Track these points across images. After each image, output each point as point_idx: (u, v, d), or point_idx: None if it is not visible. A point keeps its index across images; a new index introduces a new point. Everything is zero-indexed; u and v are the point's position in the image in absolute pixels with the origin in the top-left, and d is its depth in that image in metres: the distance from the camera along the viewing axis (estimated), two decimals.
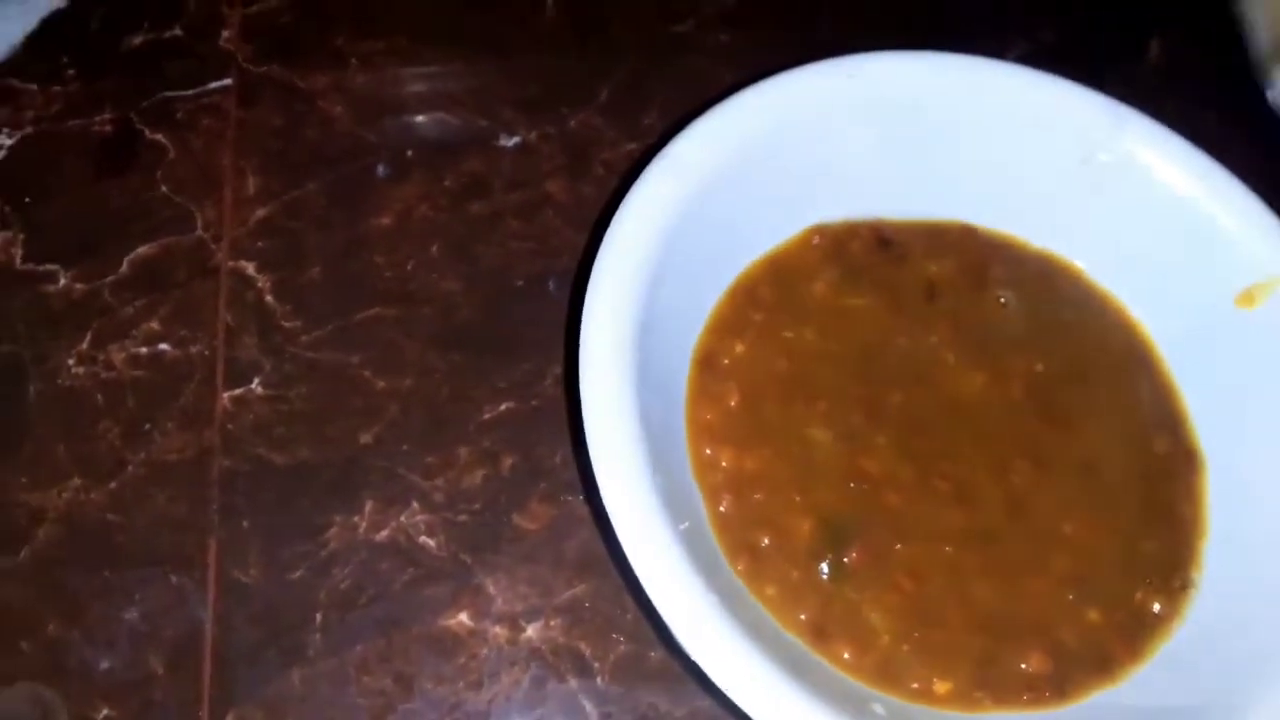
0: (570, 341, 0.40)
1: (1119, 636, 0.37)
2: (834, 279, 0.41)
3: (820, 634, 0.35)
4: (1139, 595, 0.37)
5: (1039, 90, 0.41)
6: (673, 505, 0.33)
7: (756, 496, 0.36)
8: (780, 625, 0.35)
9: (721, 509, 0.36)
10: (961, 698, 0.35)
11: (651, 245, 0.37)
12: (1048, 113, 0.41)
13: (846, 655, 0.35)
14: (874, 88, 0.41)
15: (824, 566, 0.36)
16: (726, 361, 0.39)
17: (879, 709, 0.34)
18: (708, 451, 0.37)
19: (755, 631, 0.33)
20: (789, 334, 0.39)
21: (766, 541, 0.36)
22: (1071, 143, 0.41)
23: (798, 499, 0.37)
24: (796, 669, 0.32)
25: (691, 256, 0.38)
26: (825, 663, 0.35)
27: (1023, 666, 0.36)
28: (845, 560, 0.36)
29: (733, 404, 0.38)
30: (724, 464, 0.36)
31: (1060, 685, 0.36)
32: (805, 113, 0.40)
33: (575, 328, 0.36)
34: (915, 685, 0.35)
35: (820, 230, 0.41)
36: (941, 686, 0.35)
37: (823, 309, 0.40)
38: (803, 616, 0.36)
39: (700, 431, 0.37)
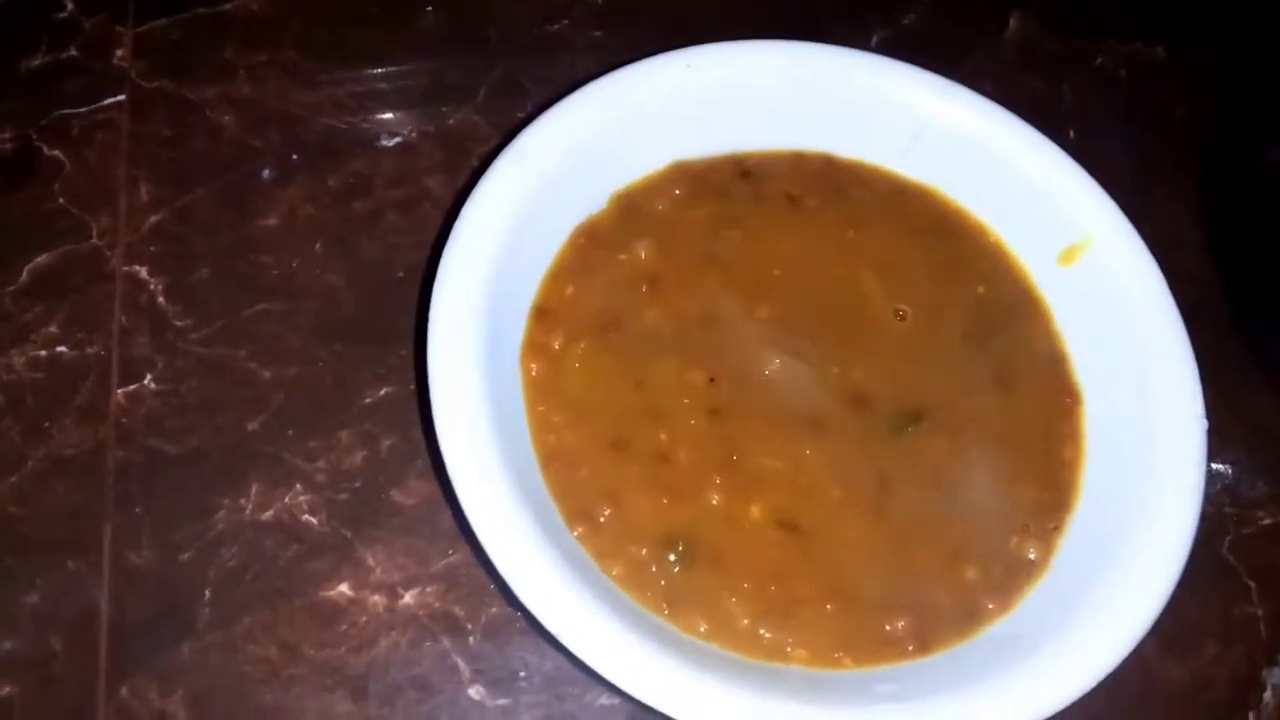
0: (420, 324, 0.43)
1: (992, 591, 0.38)
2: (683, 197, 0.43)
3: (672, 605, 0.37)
4: (1014, 540, 0.39)
5: (866, 72, 0.44)
6: (514, 472, 0.36)
7: (582, 471, 0.38)
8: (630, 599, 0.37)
9: (557, 475, 0.38)
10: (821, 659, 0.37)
11: (496, 228, 0.40)
12: (875, 94, 0.44)
13: (703, 628, 0.37)
14: (711, 76, 0.43)
15: (672, 556, 0.38)
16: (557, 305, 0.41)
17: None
18: (540, 408, 0.39)
19: (600, 593, 0.36)
20: (623, 256, 0.42)
21: (607, 514, 0.38)
22: (901, 120, 0.44)
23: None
24: (637, 622, 0.35)
25: (541, 233, 0.41)
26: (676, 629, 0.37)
27: (887, 629, 0.37)
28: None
29: (556, 347, 0.40)
30: (556, 422, 0.39)
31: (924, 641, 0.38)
32: (646, 103, 0.43)
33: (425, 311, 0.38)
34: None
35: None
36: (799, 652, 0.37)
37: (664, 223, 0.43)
38: (649, 593, 0.37)
39: (531, 387, 0.40)
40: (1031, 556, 0.39)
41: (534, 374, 0.40)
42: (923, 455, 0.40)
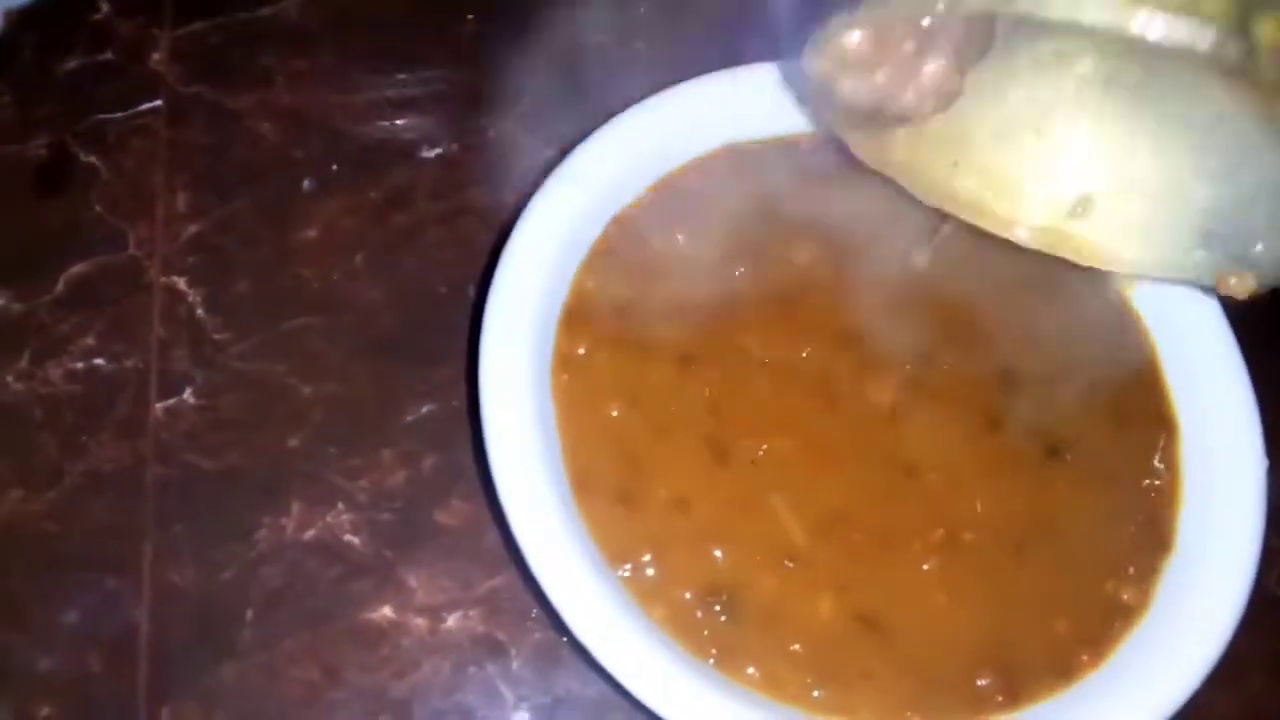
0: (473, 342, 0.42)
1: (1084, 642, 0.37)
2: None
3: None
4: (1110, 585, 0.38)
5: None
6: (560, 496, 0.36)
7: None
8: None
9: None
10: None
11: (549, 250, 0.39)
12: None
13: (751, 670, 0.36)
14: (758, 94, 0.43)
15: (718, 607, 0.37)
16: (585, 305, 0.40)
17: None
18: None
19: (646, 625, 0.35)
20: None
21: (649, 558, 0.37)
22: None
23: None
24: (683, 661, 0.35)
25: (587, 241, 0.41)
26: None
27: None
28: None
29: (581, 351, 0.39)
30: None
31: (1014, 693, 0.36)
32: (700, 122, 0.42)
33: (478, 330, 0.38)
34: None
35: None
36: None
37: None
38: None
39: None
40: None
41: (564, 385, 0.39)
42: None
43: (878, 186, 0.41)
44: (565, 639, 0.41)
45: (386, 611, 0.41)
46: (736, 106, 0.43)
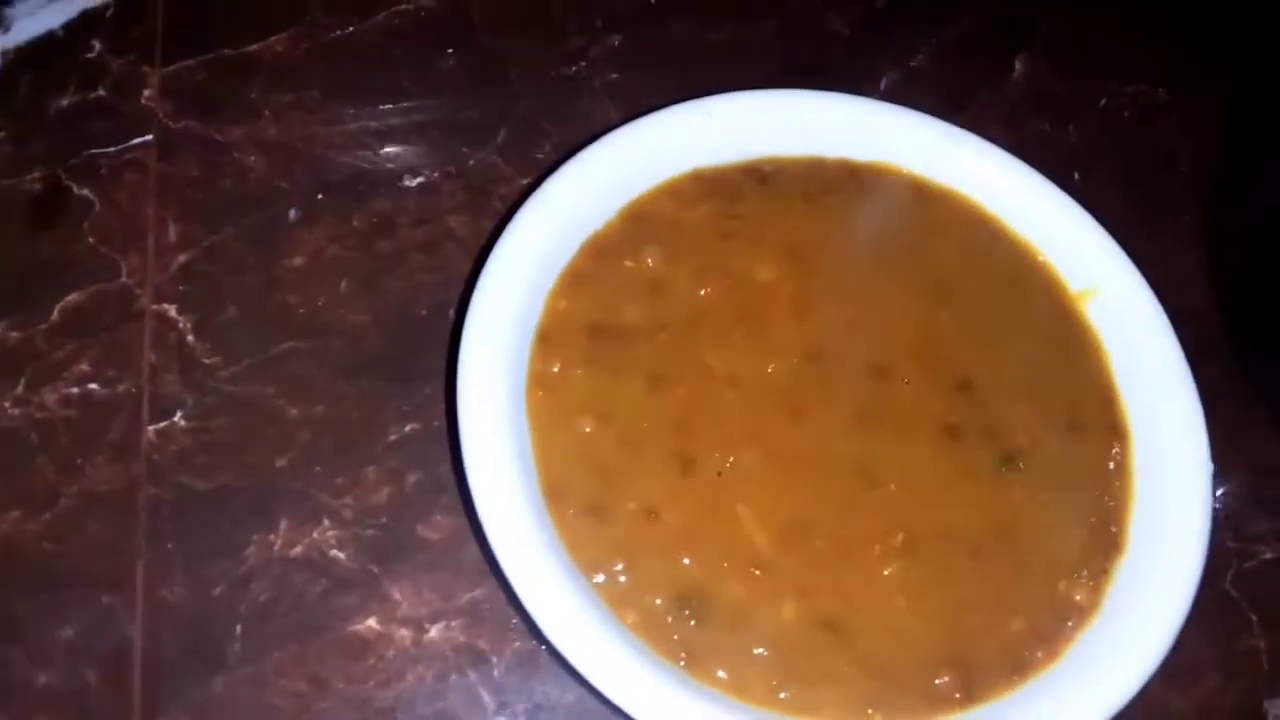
0: (451, 362, 0.44)
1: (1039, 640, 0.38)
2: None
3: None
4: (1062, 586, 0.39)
5: (875, 121, 0.45)
6: (536, 508, 0.37)
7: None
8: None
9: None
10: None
11: (523, 273, 0.41)
12: (885, 140, 0.45)
13: (721, 673, 0.37)
14: (729, 124, 0.45)
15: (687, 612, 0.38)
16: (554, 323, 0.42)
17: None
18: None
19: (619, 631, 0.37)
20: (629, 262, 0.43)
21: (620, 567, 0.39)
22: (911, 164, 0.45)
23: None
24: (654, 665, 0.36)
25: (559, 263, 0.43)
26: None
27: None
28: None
29: (555, 369, 0.41)
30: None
31: (971, 690, 0.38)
32: (668, 150, 0.44)
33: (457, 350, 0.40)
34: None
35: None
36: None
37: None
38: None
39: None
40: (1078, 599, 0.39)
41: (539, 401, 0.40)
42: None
43: (837, 207, 0.43)
44: (544, 647, 0.42)
45: (372, 623, 0.43)
46: (703, 134, 0.45)
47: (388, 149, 0.52)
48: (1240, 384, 0.50)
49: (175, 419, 0.45)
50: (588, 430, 0.40)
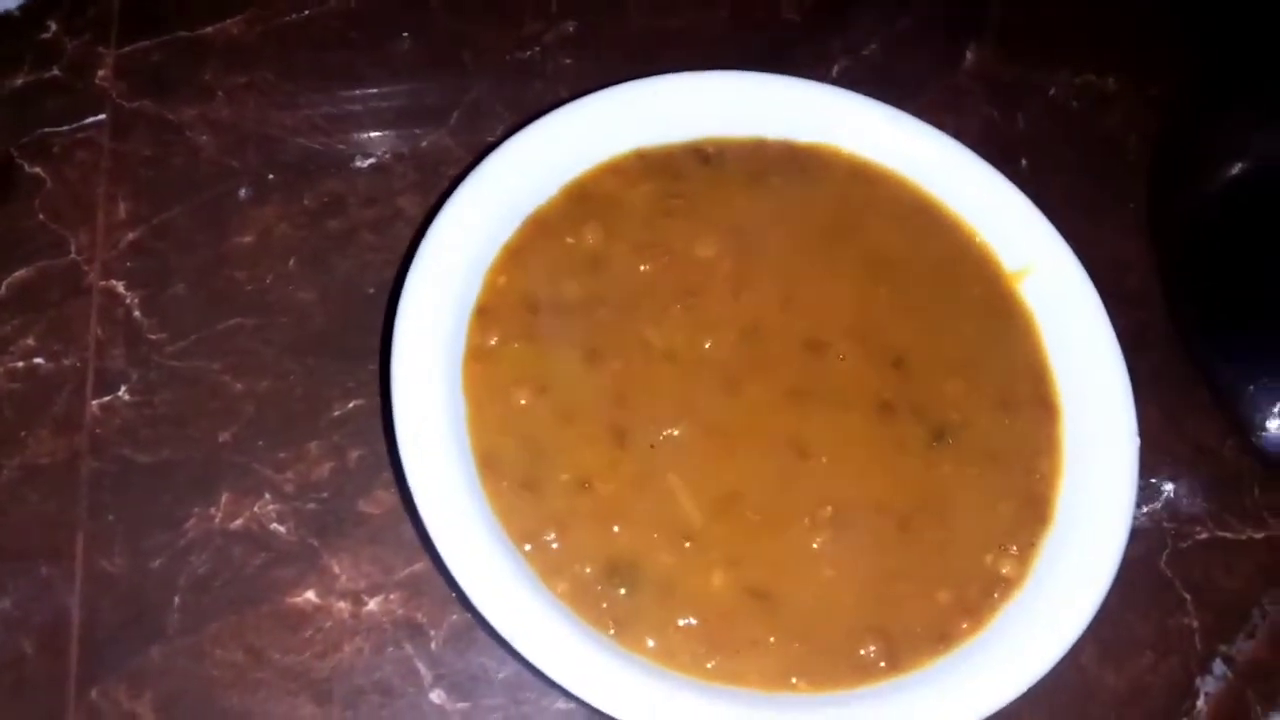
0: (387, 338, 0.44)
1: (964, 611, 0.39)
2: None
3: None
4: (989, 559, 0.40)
5: (818, 100, 0.46)
6: (471, 484, 0.38)
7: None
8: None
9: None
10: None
11: (460, 250, 0.41)
12: (826, 121, 0.46)
13: (650, 642, 0.38)
14: (673, 104, 0.45)
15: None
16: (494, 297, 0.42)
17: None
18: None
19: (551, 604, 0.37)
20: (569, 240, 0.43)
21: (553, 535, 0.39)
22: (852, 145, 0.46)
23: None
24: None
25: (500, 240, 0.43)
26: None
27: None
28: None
29: (493, 343, 0.41)
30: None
31: (896, 659, 0.38)
32: (612, 129, 0.45)
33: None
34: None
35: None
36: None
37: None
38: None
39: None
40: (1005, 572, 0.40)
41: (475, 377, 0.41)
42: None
43: (779, 187, 0.44)
44: (478, 619, 0.42)
45: (310, 596, 0.43)
46: (647, 114, 0.45)
47: (340, 131, 0.52)
48: (1181, 368, 0.50)
49: (119, 393, 0.46)
50: (523, 403, 0.40)
